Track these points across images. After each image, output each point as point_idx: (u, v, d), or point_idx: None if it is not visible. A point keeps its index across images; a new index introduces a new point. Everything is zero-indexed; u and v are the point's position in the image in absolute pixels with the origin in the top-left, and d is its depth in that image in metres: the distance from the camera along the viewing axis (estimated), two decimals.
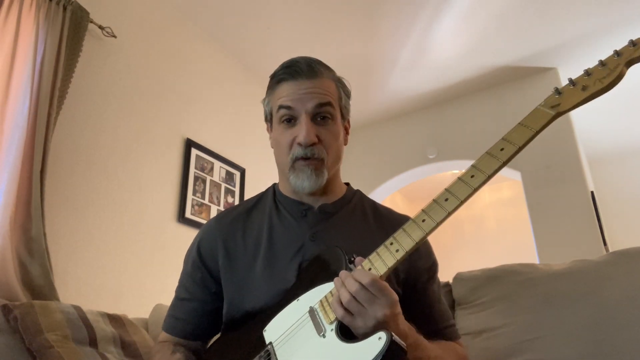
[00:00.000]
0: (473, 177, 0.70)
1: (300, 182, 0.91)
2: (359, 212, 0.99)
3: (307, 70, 0.91)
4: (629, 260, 1.10)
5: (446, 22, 2.98)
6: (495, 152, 0.70)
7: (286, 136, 0.91)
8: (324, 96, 0.91)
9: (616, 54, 0.66)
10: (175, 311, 0.99)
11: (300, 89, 0.90)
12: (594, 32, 3.04)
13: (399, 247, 0.72)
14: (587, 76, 0.67)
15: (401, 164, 3.97)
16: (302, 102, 0.90)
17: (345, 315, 0.70)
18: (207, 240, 0.98)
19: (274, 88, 0.95)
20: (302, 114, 0.90)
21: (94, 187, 2.07)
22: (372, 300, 0.69)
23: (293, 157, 0.90)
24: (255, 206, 1.02)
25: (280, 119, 0.92)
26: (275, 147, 0.97)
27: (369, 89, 3.70)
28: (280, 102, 0.91)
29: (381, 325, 0.68)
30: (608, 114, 4.08)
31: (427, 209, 0.72)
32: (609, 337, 1.01)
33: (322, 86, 0.92)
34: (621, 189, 4.81)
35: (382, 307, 0.69)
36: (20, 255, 1.58)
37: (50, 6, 1.89)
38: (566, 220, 3.12)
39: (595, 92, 0.66)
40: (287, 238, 0.92)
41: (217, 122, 2.94)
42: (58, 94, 1.84)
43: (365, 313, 0.69)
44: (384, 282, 0.71)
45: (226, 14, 2.85)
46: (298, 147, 0.89)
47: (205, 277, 0.97)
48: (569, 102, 0.68)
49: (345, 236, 0.92)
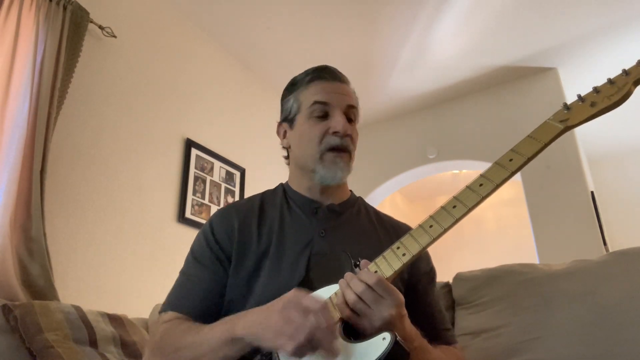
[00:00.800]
0: (482, 185, 0.72)
1: (331, 173, 0.93)
2: (364, 214, 1.02)
3: (340, 75, 0.99)
4: (629, 260, 1.11)
5: (446, 22, 2.98)
6: (505, 162, 0.72)
7: (318, 128, 0.94)
8: (353, 99, 0.99)
9: (625, 73, 0.68)
10: (183, 289, 0.93)
11: (336, 88, 0.97)
12: (594, 32, 3.04)
13: (405, 251, 0.73)
14: (595, 93, 0.70)
15: (401, 164, 3.97)
16: (337, 100, 0.95)
17: (352, 315, 0.71)
18: (223, 222, 0.96)
19: (306, 86, 0.98)
20: (337, 109, 0.94)
21: (94, 187, 2.07)
22: (378, 300, 0.69)
23: (325, 148, 0.93)
24: (267, 201, 1.03)
25: (312, 113, 0.95)
26: (299, 142, 0.98)
27: (369, 89, 3.70)
28: (317, 98, 0.95)
29: (387, 326, 0.69)
30: (608, 114, 4.07)
31: (435, 215, 0.74)
32: (609, 337, 1.01)
33: (349, 91, 0.99)
34: (621, 189, 4.81)
35: (388, 307, 0.69)
36: (20, 255, 1.58)
37: (50, 6, 1.89)
38: (566, 220, 3.12)
39: (603, 109, 0.69)
40: (297, 233, 0.93)
41: (217, 122, 2.94)
42: (58, 94, 1.84)
43: (372, 313, 0.69)
44: (390, 283, 0.71)
45: (226, 14, 2.85)
46: (333, 136, 0.93)
47: (218, 253, 0.93)
48: (577, 118, 0.70)
49: (352, 235, 0.94)
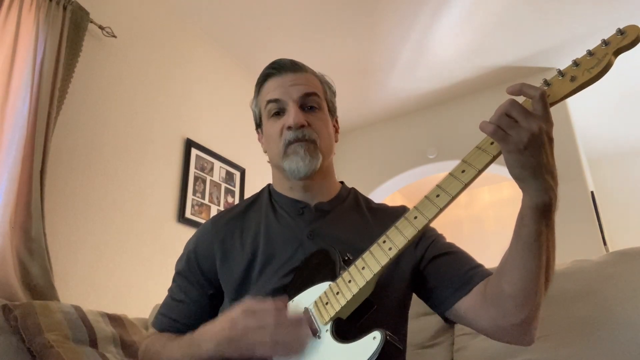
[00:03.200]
0: (464, 172, 0.69)
1: (294, 165, 0.90)
2: (355, 209, 0.98)
3: (290, 65, 0.95)
4: (629, 260, 1.10)
5: (446, 22, 2.98)
6: (486, 145, 0.69)
7: (276, 126, 0.93)
8: (309, 87, 0.94)
9: (604, 43, 0.64)
10: (169, 311, 0.97)
11: (285, 82, 0.93)
12: (593, 32, 3.04)
13: (391, 245, 0.72)
14: (575, 66, 0.66)
15: (401, 164, 3.97)
16: (288, 93, 0.92)
17: (497, 131, 0.64)
18: (203, 242, 0.97)
19: (260, 87, 0.98)
20: (289, 103, 0.92)
21: (94, 187, 2.07)
22: (526, 113, 0.64)
23: (285, 143, 0.91)
24: (251, 206, 1.01)
25: (269, 113, 0.94)
26: (267, 143, 0.97)
27: (369, 89, 3.69)
28: (268, 97, 0.94)
29: (537, 144, 0.63)
30: (608, 114, 4.08)
31: (419, 205, 0.72)
32: (609, 337, 1.01)
33: (306, 79, 0.95)
34: (621, 189, 4.81)
35: (538, 120, 0.63)
36: (20, 255, 1.58)
37: (50, 6, 1.89)
38: (566, 220, 3.12)
39: (584, 83, 0.65)
40: (284, 236, 0.91)
41: (217, 122, 2.94)
42: (58, 94, 1.84)
43: (518, 126, 0.63)
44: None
45: (226, 14, 2.85)
46: (288, 131, 0.90)
47: (200, 279, 0.95)
48: (558, 93, 0.67)
49: (342, 233, 0.91)
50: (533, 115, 0.64)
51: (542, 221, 0.68)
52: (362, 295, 0.73)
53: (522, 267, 0.70)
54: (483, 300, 0.78)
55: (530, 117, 0.63)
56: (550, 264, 0.73)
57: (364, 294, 0.73)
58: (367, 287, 0.73)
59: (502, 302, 0.74)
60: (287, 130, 0.90)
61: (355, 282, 0.73)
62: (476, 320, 0.80)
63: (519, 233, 0.70)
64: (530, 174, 0.65)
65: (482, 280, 0.81)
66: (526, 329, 0.75)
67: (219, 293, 0.95)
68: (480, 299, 0.79)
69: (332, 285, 0.76)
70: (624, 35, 0.63)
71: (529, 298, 0.71)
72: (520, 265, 0.70)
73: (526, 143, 0.63)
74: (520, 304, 0.72)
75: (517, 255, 0.71)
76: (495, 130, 0.65)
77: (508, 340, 0.78)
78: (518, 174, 0.66)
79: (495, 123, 0.65)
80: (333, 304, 0.74)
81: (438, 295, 0.85)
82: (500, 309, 0.74)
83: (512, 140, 0.63)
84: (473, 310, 0.80)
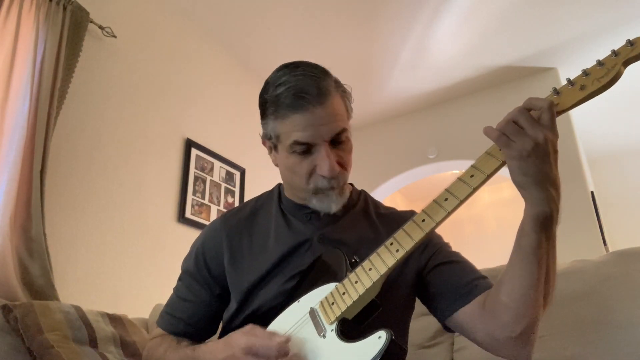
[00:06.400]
0: (473, 176, 0.70)
1: (325, 205, 0.88)
2: (365, 214, 0.99)
3: (317, 95, 0.82)
4: (629, 260, 1.11)
5: (446, 22, 2.98)
6: (494, 151, 0.70)
7: (304, 166, 0.85)
8: (339, 124, 0.85)
9: (614, 54, 0.66)
10: (174, 310, 0.98)
11: (315, 120, 0.82)
12: (593, 32, 3.04)
13: (399, 247, 0.73)
14: (585, 76, 0.67)
15: (401, 164, 3.97)
16: (320, 135, 0.83)
17: (501, 137, 0.65)
18: (212, 241, 0.97)
19: (283, 117, 0.84)
20: (320, 144, 0.83)
21: (94, 187, 2.07)
22: (533, 122, 0.64)
23: (314, 188, 0.86)
24: (262, 207, 1.00)
25: (294, 151, 0.85)
26: (287, 172, 0.91)
27: (369, 89, 3.69)
28: (296, 138, 0.83)
29: (541, 153, 0.63)
30: (608, 114, 4.08)
31: (427, 209, 0.73)
32: (609, 337, 1.01)
33: (334, 111, 0.84)
34: (621, 189, 4.81)
35: (545, 130, 0.64)
36: (20, 255, 1.58)
37: (50, 6, 1.89)
38: (566, 220, 3.11)
39: (593, 92, 0.66)
40: (294, 240, 0.91)
41: (217, 122, 2.94)
42: (58, 94, 1.84)
43: (524, 133, 0.64)
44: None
45: (226, 14, 2.85)
46: (322, 179, 0.85)
47: (207, 279, 0.96)
48: (567, 102, 0.68)
49: (351, 238, 0.91)
50: (540, 124, 0.65)
51: (542, 232, 0.68)
52: (369, 296, 0.74)
53: (520, 277, 0.70)
54: (481, 311, 0.78)
55: (536, 126, 0.64)
56: (550, 278, 0.73)
57: (370, 295, 0.74)
58: (374, 287, 0.73)
59: (499, 313, 0.74)
60: (319, 177, 0.85)
61: (361, 282, 0.74)
62: (473, 331, 0.80)
63: (519, 243, 0.71)
64: (532, 182, 0.65)
65: (483, 292, 0.81)
66: (523, 344, 0.74)
67: (226, 293, 0.95)
68: (478, 309, 0.79)
69: (338, 286, 0.77)
70: (634, 46, 0.65)
71: (526, 310, 0.71)
72: (518, 275, 0.70)
73: (530, 151, 0.63)
74: (517, 316, 0.71)
75: (516, 265, 0.71)
76: (499, 136, 0.66)
77: (504, 354, 0.78)
78: (520, 181, 0.66)
79: (501, 130, 0.66)
80: (339, 304, 0.74)
81: (439, 303, 0.86)
82: (497, 321, 0.74)
83: (516, 147, 0.64)
84: (471, 321, 0.80)
